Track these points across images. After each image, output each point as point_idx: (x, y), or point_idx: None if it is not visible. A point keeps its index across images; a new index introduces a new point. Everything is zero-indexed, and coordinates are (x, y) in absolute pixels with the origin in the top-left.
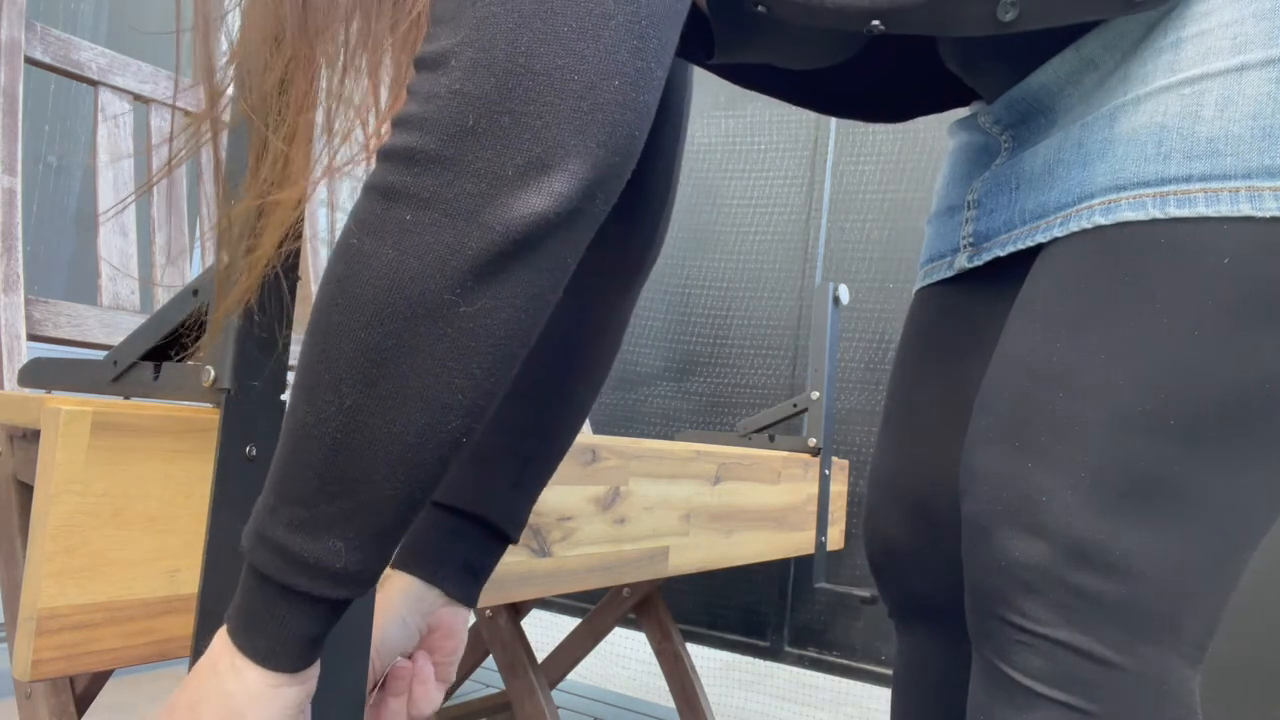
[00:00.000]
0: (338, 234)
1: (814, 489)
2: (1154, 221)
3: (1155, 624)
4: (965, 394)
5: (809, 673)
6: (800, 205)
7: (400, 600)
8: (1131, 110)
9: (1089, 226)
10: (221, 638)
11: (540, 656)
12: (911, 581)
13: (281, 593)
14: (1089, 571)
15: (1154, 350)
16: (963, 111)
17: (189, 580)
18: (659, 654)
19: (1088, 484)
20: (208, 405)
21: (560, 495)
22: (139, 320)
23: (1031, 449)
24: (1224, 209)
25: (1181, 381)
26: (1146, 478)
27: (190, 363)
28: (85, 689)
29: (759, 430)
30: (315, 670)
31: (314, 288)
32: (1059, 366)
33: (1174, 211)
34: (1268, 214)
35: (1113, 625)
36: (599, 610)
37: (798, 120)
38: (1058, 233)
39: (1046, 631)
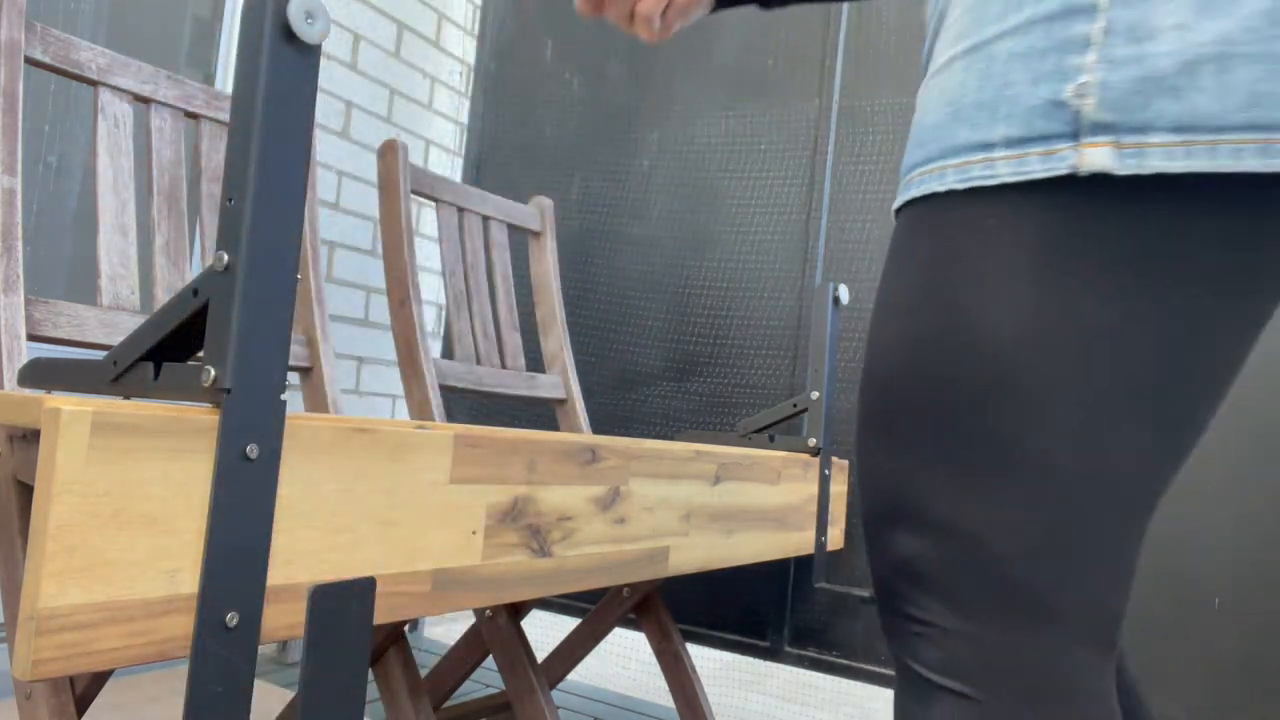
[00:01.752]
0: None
1: (814, 489)
2: (900, 209)
3: (1031, 604)
4: None
5: (809, 673)
6: (800, 205)
7: None
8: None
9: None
10: None
11: (540, 656)
12: None
13: None
14: (961, 557)
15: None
16: None
17: (189, 580)
18: (659, 654)
19: (944, 473)
20: (208, 405)
21: (560, 495)
22: (139, 320)
23: (897, 443)
24: (926, 189)
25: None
26: (990, 459)
27: (190, 363)
28: (85, 689)
29: (759, 430)
30: None
31: (313, 287)
32: (887, 352)
33: (906, 196)
34: (945, 188)
35: (993, 609)
36: (599, 610)
37: (798, 120)
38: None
39: (937, 620)
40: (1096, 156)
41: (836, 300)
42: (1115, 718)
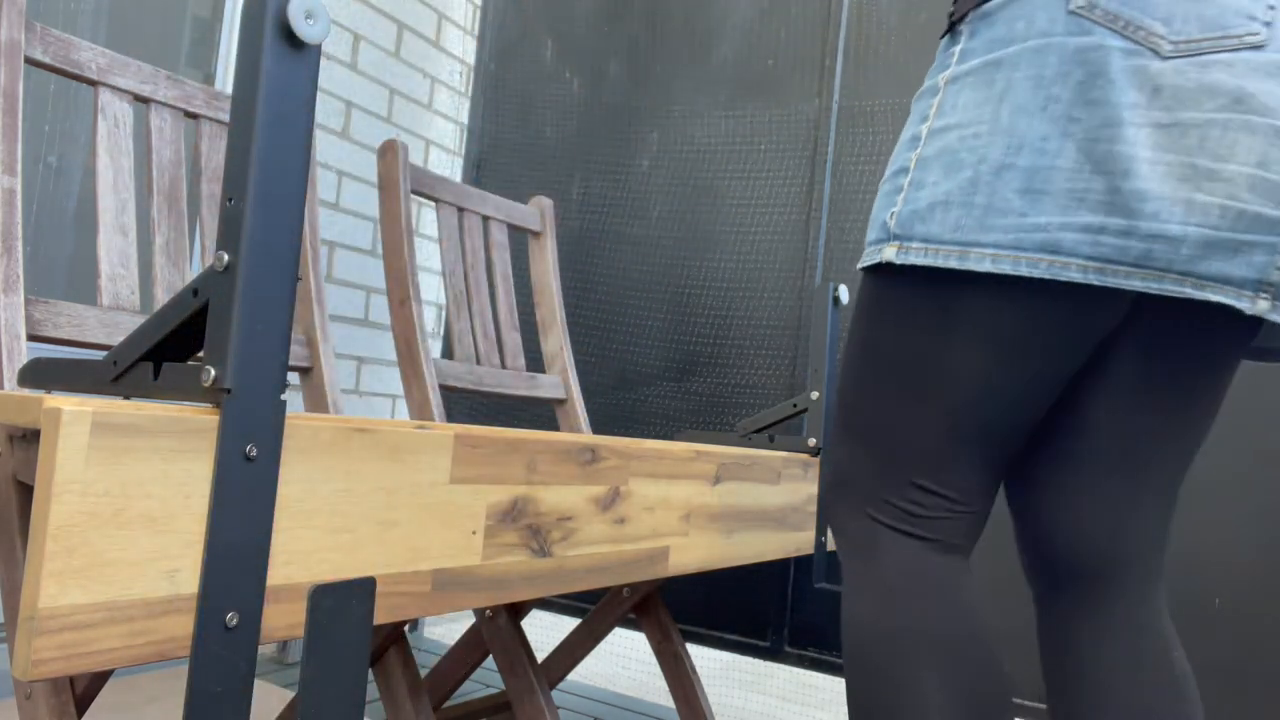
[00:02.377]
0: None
1: (814, 489)
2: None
3: (844, 491)
4: None
5: (809, 673)
6: (800, 205)
7: None
8: None
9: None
10: None
11: (540, 656)
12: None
13: None
14: (831, 476)
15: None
16: None
17: (189, 580)
18: (659, 654)
19: (836, 421)
20: (208, 405)
21: (560, 495)
22: (139, 320)
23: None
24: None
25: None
26: (838, 419)
27: (190, 363)
28: (85, 689)
29: (759, 430)
30: None
31: (313, 287)
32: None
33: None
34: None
35: (844, 506)
36: (599, 610)
37: (798, 120)
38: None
39: (838, 506)
40: (888, 252)
41: (836, 300)
42: (917, 579)
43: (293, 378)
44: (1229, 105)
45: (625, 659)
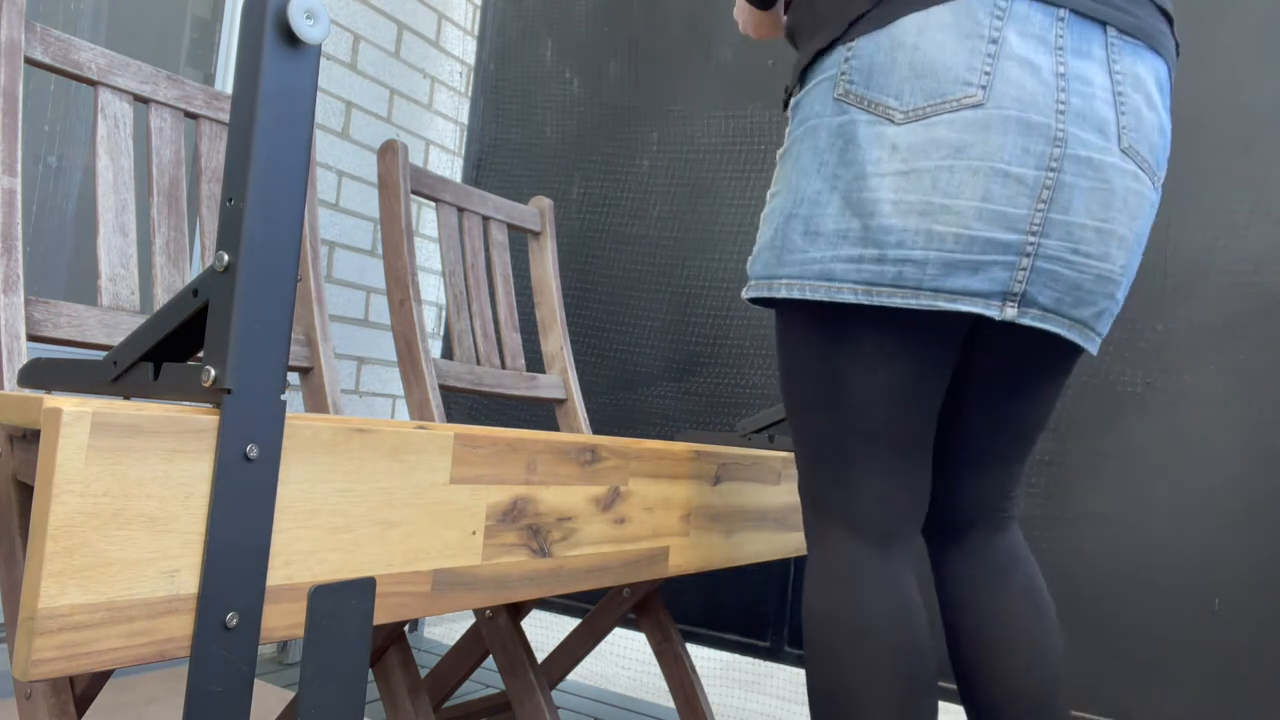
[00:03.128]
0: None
1: None
2: None
3: (801, 492)
4: None
5: None
6: None
7: None
8: None
9: None
10: None
11: (540, 656)
12: None
13: None
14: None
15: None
16: None
17: (189, 580)
18: (659, 654)
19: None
20: (208, 405)
21: (560, 495)
22: (139, 320)
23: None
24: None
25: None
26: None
27: (190, 363)
28: (85, 689)
29: (759, 430)
30: None
31: (313, 287)
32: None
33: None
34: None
35: (806, 508)
36: (599, 610)
37: None
38: None
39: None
40: (745, 291)
41: None
42: (852, 568)
43: (293, 378)
44: (952, 154)
45: (625, 659)
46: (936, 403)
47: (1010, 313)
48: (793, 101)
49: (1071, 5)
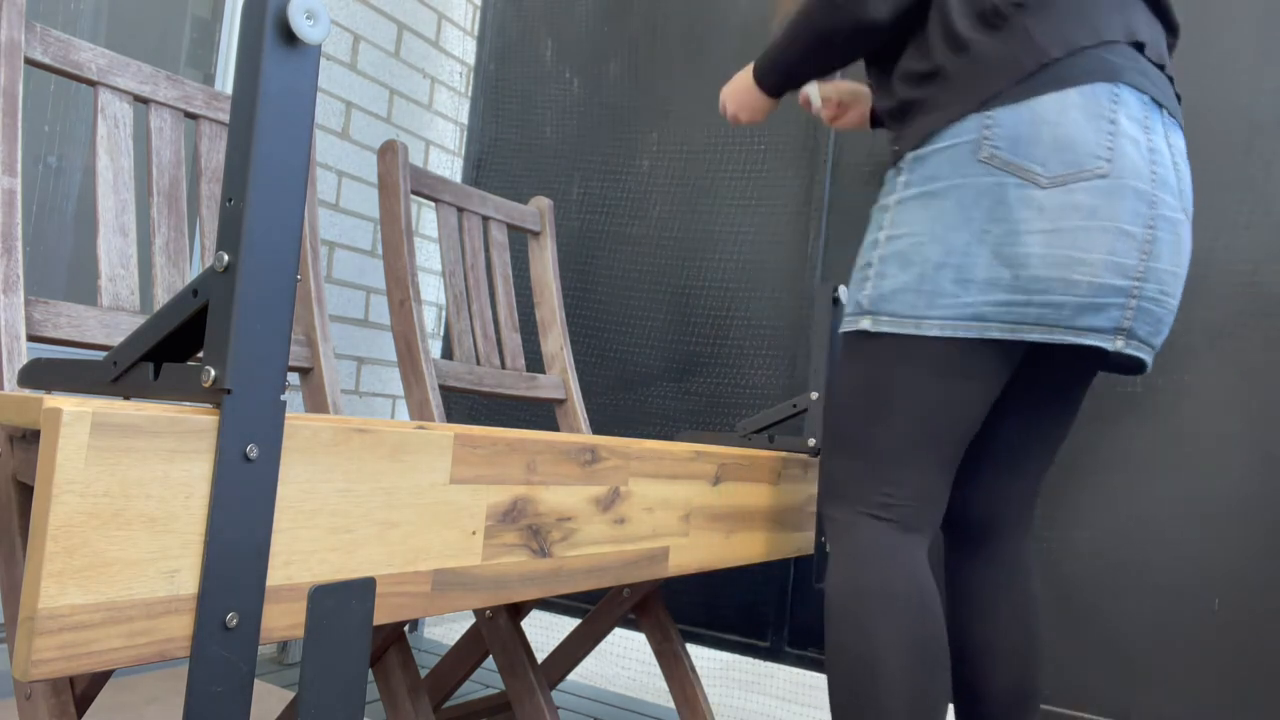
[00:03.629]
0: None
1: (814, 489)
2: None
3: (839, 499)
4: None
5: (809, 673)
6: (800, 205)
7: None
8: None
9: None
10: (747, 73)
11: (540, 656)
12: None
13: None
14: (821, 478)
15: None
16: None
17: (189, 580)
18: (659, 654)
19: (828, 442)
20: (208, 405)
21: (560, 495)
22: (139, 320)
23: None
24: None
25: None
26: (825, 436)
27: (190, 363)
28: (85, 689)
29: (759, 430)
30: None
31: (313, 287)
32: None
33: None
34: (850, 329)
35: (830, 500)
36: (599, 610)
37: (797, 120)
38: None
39: (820, 507)
40: (864, 323)
41: (836, 300)
42: (889, 558)
43: (293, 378)
44: (1088, 216)
45: (625, 659)
46: (982, 416)
47: (1119, 344)
48: (910, 156)
49: (1150, 92)
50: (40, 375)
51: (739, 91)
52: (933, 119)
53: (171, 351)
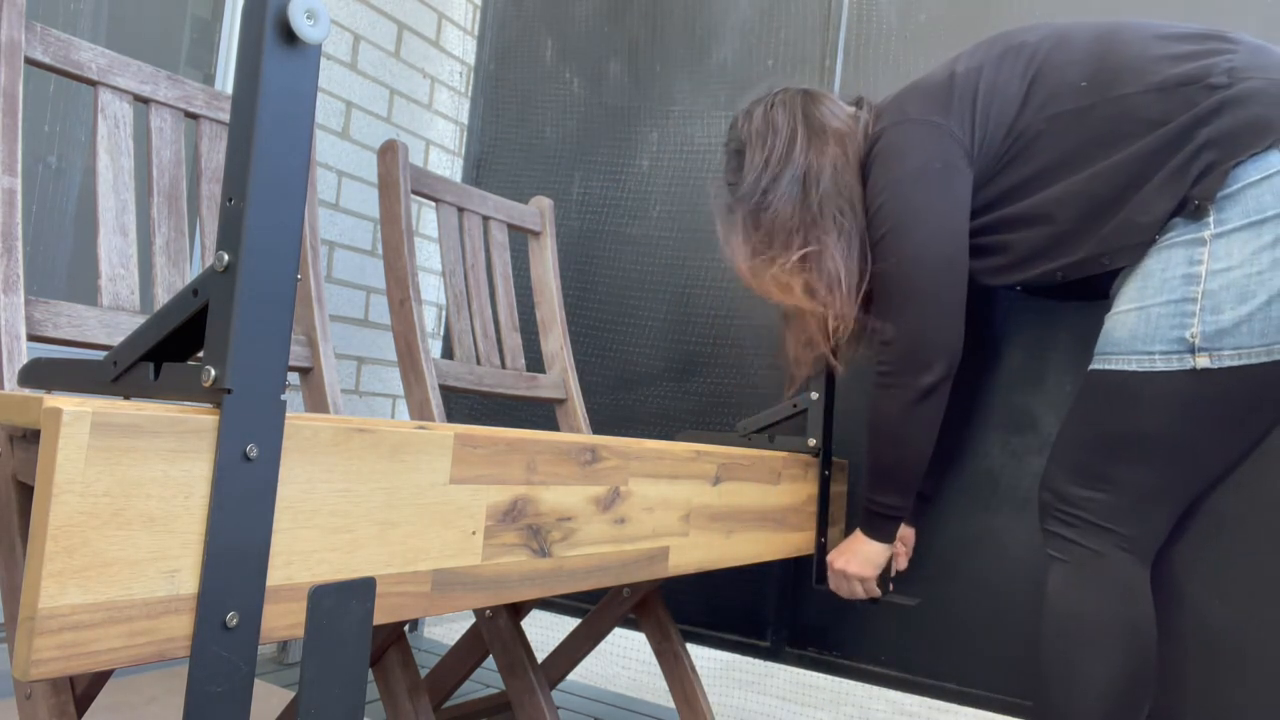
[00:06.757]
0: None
1: (814, 489)
2: (1098, 370)
3: (1095, 529)
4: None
5: (809, 673)
6: None
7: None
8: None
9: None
10: (860, 534)
11: (540, 656)
12: None
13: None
14: (1067, 505)
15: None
16: None
17: (189, 580)
18: (659, 654)
19: (1068, 470)
20: (208, 405)
21: (560, 495)
22: (139, 320)
23: (1055, 460)
24: (1119, 366)
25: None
26: (1088, 470)
27: (190, 363)
28: (85, 689)
29: (759, 430)
30: (894, 543)
31: (313, 287)
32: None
33: (1105, 366)
34: (1130, 368)
35: (1080, 528)
36: (599, 610)
37: None
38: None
39: (1055, 529)
40: (1201, 360)
41: None
42: (1129, 589)
43: (293, 378)
44: None
45: (625, 659)
46: None
47: None
48: (1219, 196)
49: None
50: (40, 375)
51: (856, 556)
52: (1234, 151)
53: (172, 351)
